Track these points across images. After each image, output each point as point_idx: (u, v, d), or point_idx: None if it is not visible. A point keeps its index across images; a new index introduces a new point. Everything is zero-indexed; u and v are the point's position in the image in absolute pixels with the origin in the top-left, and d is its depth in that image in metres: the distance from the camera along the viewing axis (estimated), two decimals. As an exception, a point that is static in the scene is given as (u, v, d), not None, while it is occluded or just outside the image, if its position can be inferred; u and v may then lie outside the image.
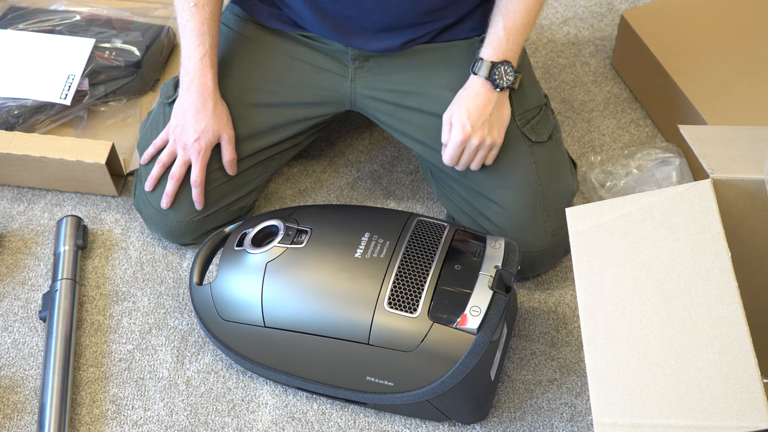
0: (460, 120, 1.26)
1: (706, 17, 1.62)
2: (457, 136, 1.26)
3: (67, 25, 1.65)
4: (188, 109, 1.32)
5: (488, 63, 1.26)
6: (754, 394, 0.84)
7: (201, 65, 1.31)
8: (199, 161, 1.33)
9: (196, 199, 1.35)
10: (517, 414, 1.29)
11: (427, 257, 1.20)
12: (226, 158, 1.35)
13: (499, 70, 1.26)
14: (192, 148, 1.32)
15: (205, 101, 1.31)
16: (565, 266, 1.44)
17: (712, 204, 0.99)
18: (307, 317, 1.19)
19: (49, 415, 1.25)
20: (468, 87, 1.28)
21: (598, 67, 1.73)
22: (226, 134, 1.34)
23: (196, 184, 1.34)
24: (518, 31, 1.26)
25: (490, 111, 1.26)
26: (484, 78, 1.26)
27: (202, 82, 1.31)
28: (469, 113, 1.26)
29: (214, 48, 1.32)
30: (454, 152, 1.28)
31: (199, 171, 1.33)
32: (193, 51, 1.31)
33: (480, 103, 1.26)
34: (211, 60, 1.31)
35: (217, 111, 1.32)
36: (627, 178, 1.50)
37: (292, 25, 1.37)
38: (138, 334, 1.37)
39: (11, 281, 1.44)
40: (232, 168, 1.36)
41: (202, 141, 1.32)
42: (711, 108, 1.49)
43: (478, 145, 1.27)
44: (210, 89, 1.31)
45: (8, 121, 1.54)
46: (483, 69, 1.26)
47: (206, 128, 1.31)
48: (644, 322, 0.93)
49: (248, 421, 1.28)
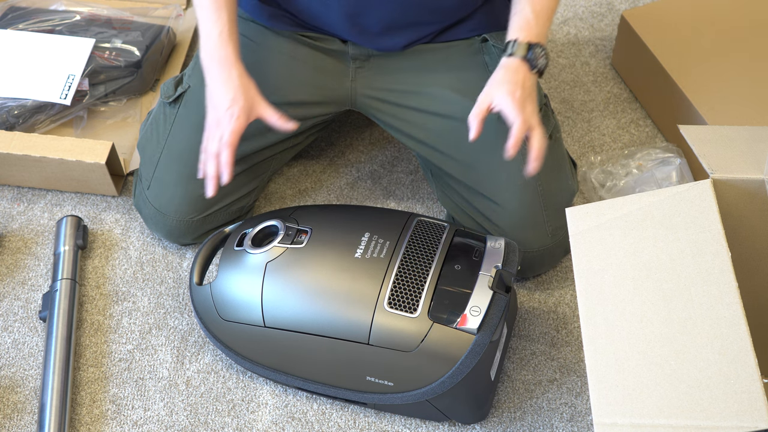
0: (507, 90, 1.17)
1: (706, 17, 1.62)
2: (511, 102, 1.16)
3: (67, 25, 1.65)
4: (214, 87, 1.25)
5: (524, 44, 1.21)
6: (754, 394, 0.84)
7: (219, 40, 1.24)
8: (232, 123, 1.22)
9: (223, 165, 1.22)
10: (517, 414, 1.29)
11: (427, 257, 1.20)
12: (275, 119, 1.24)
13: (535, 51, 1.21)
14: (225, 116, 1.23)
15: (230, 72, 1.24)
16: (565, 266, 1.44)
17: (712, 204, 0.99)
18: (307, 317, 1.20)
19: (49, 415, 1.25)
20: (505, 67, 1.21)
21: (598, 67, 1.73)
22: (259, 102, 1.25)
23: (225, 145, 1.22)
24: (545, 14, 1.23)
25: (530, 87, 1.20)
26: (521, 58, 1.20)
27: (222, 54, 1.24)
28: (515, 83, 1.18)
29: (232, 22, 1.26)
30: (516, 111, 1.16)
31: (231, 132, 1.22)
32: (211, 28, 1.25)
33: (520, 78, 1.19)
34: (229, 33, 1.25)
35: (244, 81, 1.24)
36: (627, 178, 1.50)
37: (292, 25, 1.37)
38: (138, 334, 1.38)
39: (11, 281, 1.44)
40: (287, 123, 1.25)
41: (234, 108, 1.22)
42: (711, 108, 1.49)
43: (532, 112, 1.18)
44: (232, 60, 1.24)
45: (8, 121, 1.54)
46: (520, 49, 1.20)
47: (236, 95, 1.23)
48: (644, 322, 0.93)
49: (248, 421, 1.28)
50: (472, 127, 1.19)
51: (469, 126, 1.19)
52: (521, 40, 1.21)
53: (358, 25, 1.31)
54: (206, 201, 1.38)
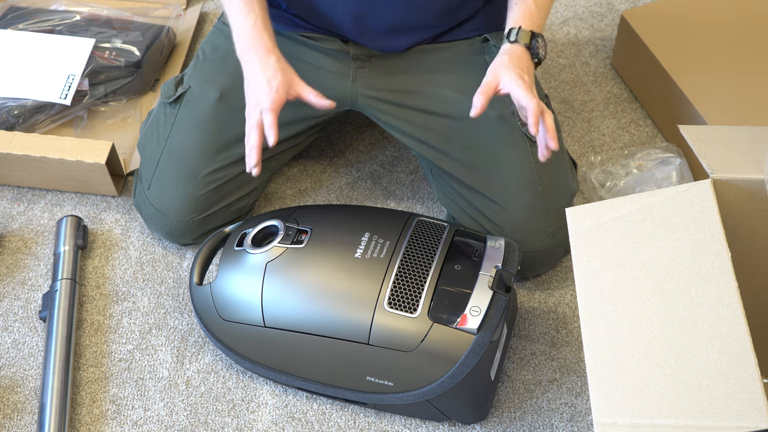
0: (515, 74, 1.16)
1: (706, 17, 1.62)
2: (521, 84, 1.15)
3: (67, 25, 1.65)
4: (252, 73, 1.23)
5: (528, 31, 1.21)
6: (754, 394, 0.84)
7: (254, 30, 1.23)
8: (271, 96, 1.19)
9: (268, 127, 1.18)
10: (517, 414, 1.29)
11: (427, 257, 1.20)
12: (312, 97, 1.22)
13: (537, 40, 1.21)
14: (263, 92, 1.20)
15: (267, 58, 1.22)
16: (565, 266, 1.44)
17: (712, 204, 0.99)
18: (307, 317, 1.19)
19: (49, 415, 1.25)
20: (509, 53, 1.20)
21: (598, 67, 1.73)
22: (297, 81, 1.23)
23: (267, 110, 1.19)
24: (545, 8, 1.23)
25: (533, 74, 1.20)
26: (524, 45, 1.20)
27: (259, 44, 1.23)
28: (521, 68, 1.18)
29: (264, 11, 1.25)
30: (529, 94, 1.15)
31: (271, 100, 1.19)
32: (244, 20, 1.23)
33: (525, 65, 1.19)
34: (263, 23, 1.23)
35: (282, 64, 1.23)
36: (627, 178, 1.50)
37: (293, 25, 1.37)
38: (138, 334, 1.38)
39: (11, 281, 1.44)
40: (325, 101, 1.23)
41: (272, 82, 1.20)
42: (711, 108, 1.49)
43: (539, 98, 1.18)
44: (269, 47, 1.23)
45: (8, 121, 1.54)
46: (524, 36, 1.20)
47: (275, 74, 1.20)
48: (644, 322, 0.93)
49: (248, 421, 1.28)
50: (477, 104, 1.16)
51: (473, 102, 1.16)
52: (525, 27, 1.21)
53: (363, 26, 1.31)
54: (206, 201, 1.38)
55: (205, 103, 1.36)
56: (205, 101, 1.36)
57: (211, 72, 1.37)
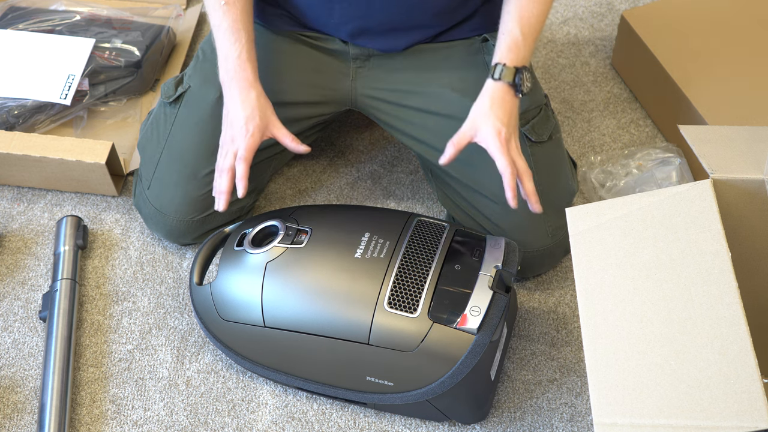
0: (495, 128, 1.19)
1: (706, 17, 1.62)
2: (499, 144, 1.18)
3: (67, 25, 1.65)
4: (231, 106, 1.26)
5: (512, 68, 1.21)
6: (754, 394, 0.84)
7: (239, 62, 1.26)
8: (246, 140, 1.24)
9: (238, 179, 1.24)
10: (517, 414, 1.29)
11: (427, 257, 1.20)
12: (288, 141, 1.27)
13: (521, 75, 1.22)
14: (239, 132, 1.24)
15: (248, 92, 1.25)
16: (565, 266, 1.44)
17: (712, 204, 0.99)
18: (307, 317, 1.19)
19: (49, 415, 1.25)
20: (491, 94, 1.22)
21: (598, 67, 1.73)
22: (274, 122, 1.27)
23: (240, 159, 1.23)
24: (533, 36, 1.24)
25: (516, 116, 1.23)
26: (508, 84, 1.21)
27: (242, 77, 1.26)
28: (501, 119, 1.20)
29: (250, 43, 1.27)
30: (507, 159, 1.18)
31: (245, 148, 1.23)
32: (230, 49, 1.26)
33: (507, 108, 1.21)
34: (248, 55, 1.26)
35: (261, 101, 1.26)
36: (627, 178, 1.51)
37: (293, 24, 1.37)
38: (138, 334, 1.38)
39: (11, 281, 1.44)
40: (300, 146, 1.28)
41: (249, 124, 1.24)
42: (711, 108, 1.49)
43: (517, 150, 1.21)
44: (250, 82, 1.26)
45: (8, 121, 1.54)
46: (507, 74, 1.21)
47: (252, 114, 1.24)
48: (644, 322, 0.93)
49: (248, 421, 1.28)
50: (447, 153, 1.21)
51: (445, 149, 1.21)
52: (509, 64, 1.22)
53: (361, 28, 1.31)
54: (206, 201, 1.38)
55: (205, 103, 1.36)
56: (205, 101, 1.37)
57: (211, 72, 1.36)
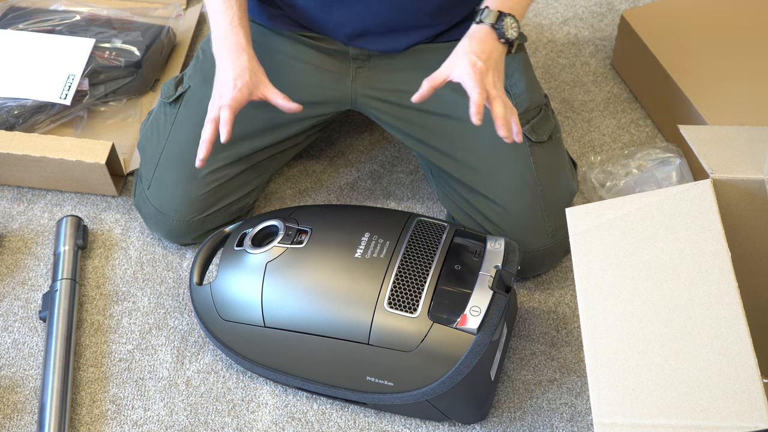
0: (470, 60, 1.13)
1: (706, 17, 1.62)
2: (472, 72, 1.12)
3: (67, 25, 1.65)
4: (222, 69, 1.24)
5: (495, 12, 1.18)
6: (754, 394, 0.84)
7: (230, 27, 1.24)
8: (233, 92, 1.20)
9: (222, 123, 1.20)
10: (517, 414, 1.29)
11: (427, 257, 1.20)
12: (279, 99, 1.23)
13: (505, 20, 1.18)
14: (226, 88, 1.22)
15: (239, 55, 1.23)
16: (565, 266, 1.44)
17: (712, 204, 0.99)
18: (307, 317, 1.20)
19: (49, 415, 1.25)
20: (470, 35, 1.17)
21: (598, 67, 1.73)
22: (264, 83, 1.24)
23: (225, 106, 1.20)
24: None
25: (496, 58, 1.17)
26: (490, 25, 1.17)
27: (233, 42, 1.24)
28: (477, 54, 1.14)
29: (242, 10, 1.26)
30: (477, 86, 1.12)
31: (231, 98, 1.20)
32: (221, 17, 1.24)
33: (487, 48, 1.16)
34: (240, 21, 1.25)
35: (253, 64, 1.24)
36: (627, 178, 1.51)
37: (292, 25, 1.37)
38: (138, 334, 1.38)
39: (11, 281, 1.44)
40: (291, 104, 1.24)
41: (238, 81, 1.21)
42: (711, 108, 1.49)
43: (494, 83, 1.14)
44: (242, 45, 1.24)
45: (8, 121, 1.54)
46: (489, 17, 1.18)
47: (241, 73, 1.22)
48: (644, 322, 0.93)
49: (248, 421, 1.29)
50: (421, 90, 1.16)
51: (420, 87, 1.16)
52: (492, 7, 1.19)
53: (360, 30, 1.31)
54: (206, 201, 1.38)
55: (205, 103, 1.36)
56: (205, 101, 1.36)
57: (211, 72, 1.36)
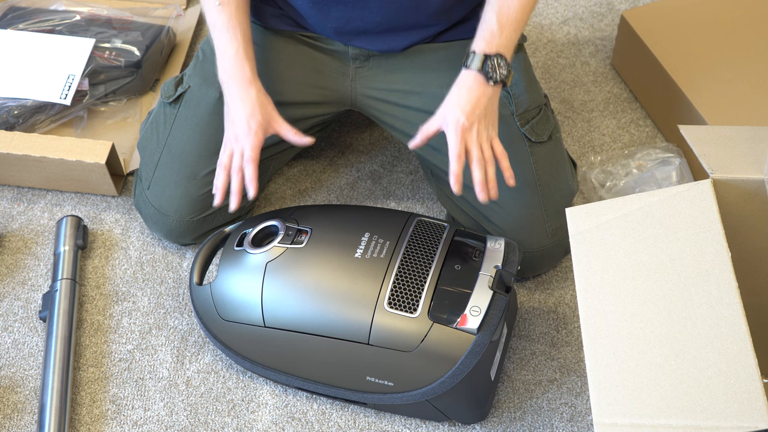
0: (454, 117, 1.19)
1: (706, 17, 1.62)
2: (454, 134, 1.18)
3: (67, 25, 1.65)
4: (232, 104, 1.27)
5: (481, 56, 1.21)
6: (754, 394, 0.84)
7: (236, 59, 1.26)
8: (251, 138, 1.24)
9: (248, 181, 1.24)
10: (517, 414, 1.29)
11: (427, 257, 1.20)
12: (291, 135, 1.27)
13: (492, 62, 1.20)
14: (242, 131, 1.25)
15: (248, 90, 1.26)
16: (565, 266, 1.44)
17: (712, 204, 0.99)
18: (307, 317, 1.20)
19: (49, 415, 1.25)
20: (459, 83, 1.22)
21: (598, 67, 1.73)
22: (275, 118, 1.28)
23: (248, 161, 1.24)
24: (511, 26, 1.22)
25: (485, 104, 1.21)
26: (476, 71, 1.21)
27: (240, 75, 1.26)
28: (463, 108, 1.20)
29: (247, 40, 1.28)
30: (458, 149, 1.18)
31: (251, 148, 1.24)
32: (226, 47, 1.27)
33: (474, 97, 1.20)
34: (245, 52, 1.27)
35: (261, 98, 1.26)
36: (627, 178, 1.51)
37: (293, 25, 1.38)
38: (138, 334, 1.38)
39: (11, 281, 1.44)
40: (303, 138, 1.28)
41: (252, 122, 1.24)
42: (711, 108, 1.49)
43: (478, 139, 1.20)
44: (249, 78, 1.26)
45: (8, 121, 1.54)
46: (475, 61, 1.21)
47: (253, 111, 1.25)
48: (644, 322, 0.93)
49: (248, 421, 1.28)
50: (416, 139, 1.22)
51: (415, 137, 1.22)
52: (478, 52, 1.21)
53: (358, 30, 1.31)
54: (206, 201, 1.38)
55: (205, 103, 1.37)
56: (205, 101, 1.37)
57: (211, 72, 1.36)
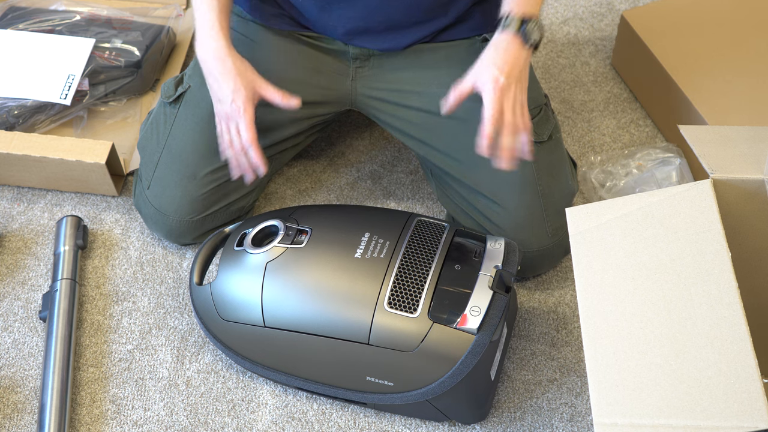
0: (492, 75, 1.15)
1: (706, 17, 1.62)
2: (492, 92, 1.14)
3: (67, 25, 1.65)
4: (213, 82, 1.27)
5: (518, 17, 1.18)
6: (754, 394, 0.84)
7: (212, 32, 1.25)
8: (244, 119, 1.23)
9: (254, 162, 1.25)
10: (517, 414, 1.29)
11: (427, 257, 1.20)
12: (277, 98, 1.26)
13: (528, 24, 1.18)
14: (233, 111, 1.24)
15: (224, 62, 1.25)
16: (565, 266, 1.44)
17: (712, 204, 0.99)
18: (307, 317, 1.20)
19: (49, 415, 1.25)
20: (494, 45, 1.18)
21: (598, 67, 1.73)
22: (259, 84, 1.27)
23: (247, 143, 1.24)
24: None
25: (521, 67, 1.18)
26: (514, 32, 1.18)
27: (214, 47, 1.25)
28: (500, 67, 1.15)
29: (223, 12, 1.27)
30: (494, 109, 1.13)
31: (246, 129, 1.24)
32: (203, 20, 1.26)
33: (511, 58, 1.17)
34: (220, 24, 1.26)
35: (239, 67, 1.25)
36: (627, 178, 1.51)
37: (293, 24, 1.38)
38: (138, 334, 1.38)
39: (11, 281, 1.44)
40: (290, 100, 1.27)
41: (238, 100, 1.24)
42: (711, 108, 1.49)
43: (513, 102, 1.16)
44: (224, 50, 1.25)
45: (8, 121, 1.54)
46: (513, 23, 1.18)
47: (236, 86, 1.24)
48: (644, 322, 0.93)
49: (248, 421, 1.29)
50: (448, 102, 1.20)
51: (448, 98, 1.20)
52: (515, 14, 1.19)
53: (359, 28, 1.31)
54: (206, 201, 1.38)
55: (205, 102, 1.36)
56: (205, 101, 1.36)
57: (211, 72, 1.36)
